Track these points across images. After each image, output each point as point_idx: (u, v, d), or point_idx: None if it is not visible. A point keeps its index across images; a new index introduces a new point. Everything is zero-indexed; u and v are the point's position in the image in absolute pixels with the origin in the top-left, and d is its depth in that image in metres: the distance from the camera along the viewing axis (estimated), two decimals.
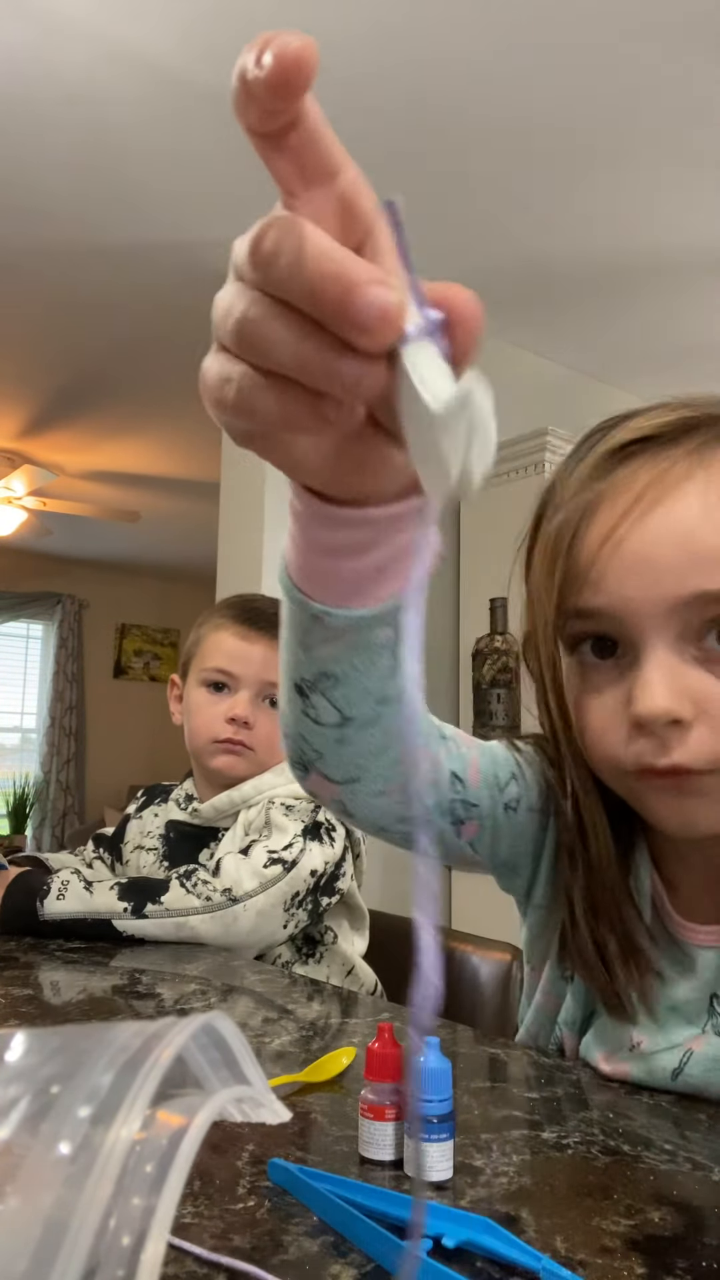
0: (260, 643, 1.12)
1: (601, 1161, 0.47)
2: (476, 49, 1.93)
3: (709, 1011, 0.58)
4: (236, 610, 1.16)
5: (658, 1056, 0.57)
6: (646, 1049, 0.58)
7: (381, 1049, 0.47)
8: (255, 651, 1.12)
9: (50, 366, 3.53)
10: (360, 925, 1.15)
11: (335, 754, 0.53)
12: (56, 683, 6.79)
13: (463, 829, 0.63)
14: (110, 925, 0.98)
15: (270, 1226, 0.39)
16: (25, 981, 0.83)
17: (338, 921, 1.12)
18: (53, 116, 2.16)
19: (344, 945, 1.11)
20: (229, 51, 1.92)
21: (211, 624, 1.17)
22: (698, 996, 0.58)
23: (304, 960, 1.09)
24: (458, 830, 0.63)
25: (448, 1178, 0.44)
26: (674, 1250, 0.38)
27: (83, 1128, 0.22)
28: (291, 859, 1.02)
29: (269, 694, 1.14)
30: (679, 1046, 0.57)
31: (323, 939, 1.11)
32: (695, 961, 0.59)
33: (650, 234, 2.57)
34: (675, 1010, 0.59)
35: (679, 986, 0.59)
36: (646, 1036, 0.59)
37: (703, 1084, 0.55)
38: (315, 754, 0.54)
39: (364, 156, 1.26)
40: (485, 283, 2.85)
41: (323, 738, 0.52)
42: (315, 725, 0.52)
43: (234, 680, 1.14)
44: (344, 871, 1.09)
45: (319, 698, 0.50)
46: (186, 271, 2.81)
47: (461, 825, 0.62)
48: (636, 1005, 0.59)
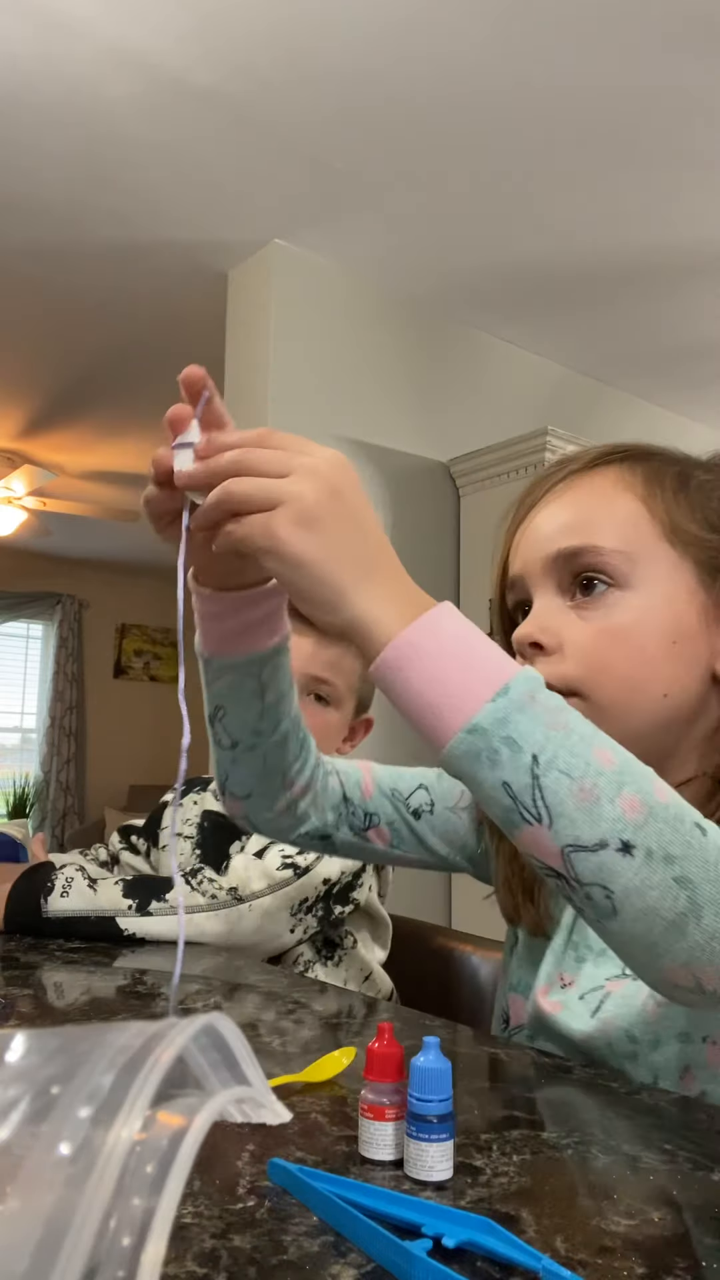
0: (305, 636, 1.11)
1: (601, 1161, 0.47)
2: (476, 49, 1.93)
3: None
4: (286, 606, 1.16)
5: (587, 998, 0.67)
6: (574, 989, 0.68)
7: (381, 1049, 0.47)
8: (303, 644, 1.11)
9: (50, 366, 3.53)
10: (381, 935, 1.15)
11: (235, 774, 0.71)
12: (56, 683, 6.79)
13: (369, 835, 0.78)
14: (113, 923, 0.98)
15: (270, 1226, 0.40)
16: (26, 981, 0.83)
17: (359, 929, 1.13)
18: (53, 116, 2.16)
19: (363, 952, 1.11)
20: (229, 52, 1.93)
21: None
22: None
23: (324, 962, 1.09)
24: (364, 837, 0.78)
25: (448, 1178, 0.44)
26: (674, 1250, 0.38)
27: (83, 1128, 0.23)
28: (305, 865, 1.02)
29: (314, 689, 1.14)
30: (600, 989, 0.66)
31: (342, 943, 1.11)
32: None
33: (650, 234, 2.57)
34: (605, 952, 0.68)
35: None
36: (575, 976, 0.69)
37: (612, 1017, 0.63)
38: (224, 774, 0.71)
39: (363, 156, 1.27)
40: (485, 282, 2.86)
41: (227, 759, 0.70)
42: (220, 749, 0.70)
43: None
44: (362, 883, 1.09)
45: (218, 725, 0.69)
46: (186, 271, 2.81)
47: (366, 832, 0.78)
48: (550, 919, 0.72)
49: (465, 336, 3.10)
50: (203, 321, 3.01)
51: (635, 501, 0.66)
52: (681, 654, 0.64)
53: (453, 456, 2.97)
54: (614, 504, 0.67)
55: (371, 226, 2.59)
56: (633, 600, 0.64)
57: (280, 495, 0.50)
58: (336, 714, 1.16)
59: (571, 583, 0.66)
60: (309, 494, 0.50)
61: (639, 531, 0.65)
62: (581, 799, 0.47)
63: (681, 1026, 0.61)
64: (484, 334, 3.15)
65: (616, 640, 0.64)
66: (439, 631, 0.49)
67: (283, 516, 0.50)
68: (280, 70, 1.99)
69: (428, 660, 0.49)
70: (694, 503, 0.66)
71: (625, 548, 0.65)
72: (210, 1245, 0.38)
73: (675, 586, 0.65)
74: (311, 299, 2.74)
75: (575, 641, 0.64)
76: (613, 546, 0.65)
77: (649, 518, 0.66)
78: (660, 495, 0.66)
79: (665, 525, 0.65)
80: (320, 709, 1.15)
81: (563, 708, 0.49)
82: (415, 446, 2.93)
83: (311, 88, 2.04)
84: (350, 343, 2.82)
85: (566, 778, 0.47)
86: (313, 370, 2.72)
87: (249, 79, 2.02)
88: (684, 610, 0.64)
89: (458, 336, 3.08)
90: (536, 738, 0.47)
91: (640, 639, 0.64)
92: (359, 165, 2.30)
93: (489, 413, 3.09)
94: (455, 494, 3.02)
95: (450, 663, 0.49)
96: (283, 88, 2.04)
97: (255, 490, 0.50)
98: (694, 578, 0.65)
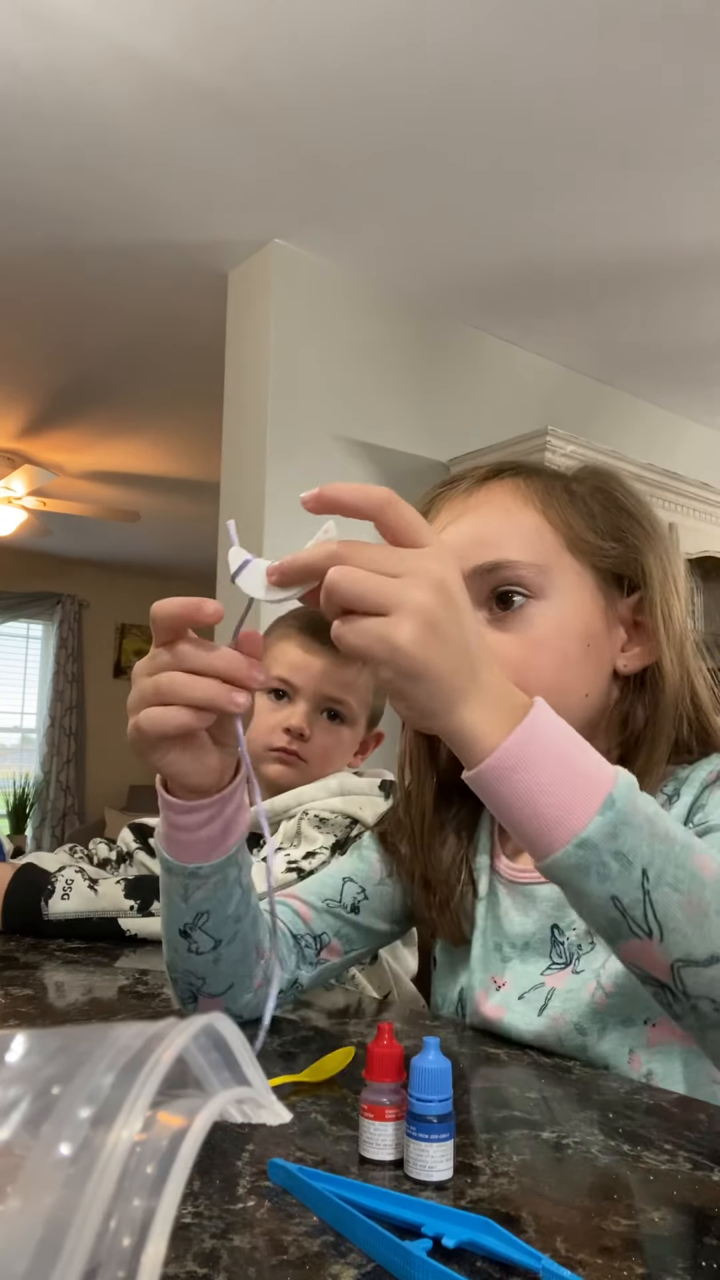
0: (322, 656, 1.14)
1: (601, 1161, 0.47)
2: (476, 48, 1.93)
3: (551, 940, 0.70)
4: (303, 622, 1.17)
5: (528, 997, 0.69)
6: (511, 989, 0.70)
7: (381, 1049, 0.47)
8: (316, 663, 1.14)
9: (50, 366, 3.53)
10: (410, 943, 1.15)
11: (213, 973, 0.67)
12: (56, 683, 6.79)
13: (323, 956, 0.78)
14: (114, 924, 0.98)
15: (270, 1226, 0.40)
16: (26, 982, 0.83)
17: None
18: (53, 116, 2.16)
19: (388, 958, 1.10)
20: (229, 51, 1.93)
21: (278, 633, 1.20)
22: (539, 927, 0.71)
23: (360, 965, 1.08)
24: (320, 960, 0.78)
25: (448, 1178, 0.44)
26: (674, 1250, 0.39)
27: (84, 1129, 0.23)
28: (310, 869, 1.02)
29: (326, 706, 1.15)
30: (540, 986, 0.69)
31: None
32: (535, 899, 0.72)
33: (651, 234, 2.57)
34: (528, 946, 0.72)
35: (526, 923, 0.72)
36: (508, 976, 0.72)
37: (560, 1013, 0.66)
38: (200, 980, 0.67)
39: (363, 156, 1.28)
40: (486, 281, 2.86)
41: (204, 964, 0.66)
42: (197, 956, 0.66)
43: (294, 690, 1.15)
44: None
45: (199, 933, 0.65)
46: (186, 271, 2.81)
47: (320, 955, 0.77)
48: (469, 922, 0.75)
49: (465, 336, 3.10)
50: (203, 321, 3.01)
51: (536, 514, 0.70)
52: (594, 655, 0.69)
53: (453, 456, 2.97)
54: (517, 518, 0.70)
55: (372, 226, 2.59)
56: (549, 610, 0.68)
57: (399, 601, 0.45)
58: (349, 731, 1.18)
59: (489, 597, 0.69)
60: (430, 602, 0.46)
61: (544, 543, 0.69)
62: (691, 913, 0.46)
63: (625, 1012, 0.64)
64: (484, 334, 3.15)
65: (540, 649, 0.67)
66: (538, 737, 0.48)
67: (405, 627, 0.45)
68: (280, 70, 1.99)
69: (531, 770, 0.47)
70: (584, 513, 0.71)
71: (537, 560, 0.68)
72: (210, 1245, 0.38)
73: (581, 593, 0.70)
74: (311, 299, 2.74)
75: (502, 654, 0.66)
76: (527, 560, 0.68)
77: (551, 530, 0.70)
78: (557, 507, 0.71)
79: (566, 536, 0.70)
80: (334, 727, 1.16)
81: (659, 814, 0.48)
82: (415, 446, 2.93)
83: (311, 87, 2.04)
84: (350, 342, 2.82)
85: (675, 892, 0.46)
86: (312, 370, 2.72)
87: (249, 79, 2.02)
88: (591, 615, 0.69)
89: (458, 336, 3.08)
90: (644, 851, 0.46)
91: (561, 645, 0.68)
92: (359, 165, 2.30)
93: (489, 413, 3.09)
94: None
95: (553, 772, 0.47)
96: (283, 87, 2.04)
97: (370, 590, 0.45)
98: (594, 583, 0.70)
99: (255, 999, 0.70)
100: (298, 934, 0.77)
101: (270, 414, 2.62)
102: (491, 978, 0.73)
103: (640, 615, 0.71)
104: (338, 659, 1.14)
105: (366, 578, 0.46)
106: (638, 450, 3.19)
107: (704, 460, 3.71)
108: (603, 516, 0.72)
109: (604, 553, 0.70)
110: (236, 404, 2.79)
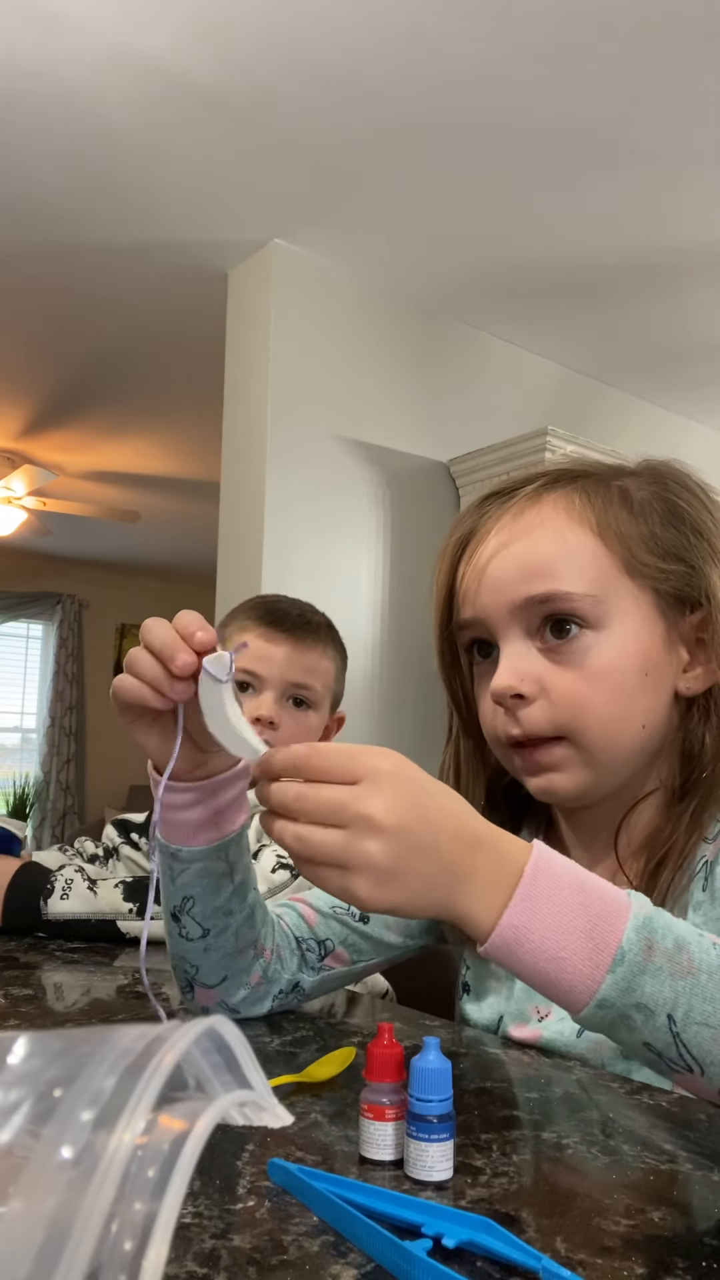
0: (284, 644, 1.13)
1: (601, 1161, 0.47)
2: (476, 48, 1.93)
3: None
4: (260, 611, 1.16)
5: (567, 1020, 0.67)
6: (553, 1018, 0.69)
7: (382, 1049, 0.47)
8: (279, 652, 1.13)
9: (50, 366, 3.53)
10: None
11: (206, 962, 0.68)
12: (56, 683, 6.79)
13: (328, 963, 0.76)
14: (114, 925, 0.98)
15: (270, 1226, 0.40)
16: (26, 982, 0.83)
17: None
18: (53, 116, 2.16)
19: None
20: (229, 52, 1.93)
21: (235, 625, 1.18)
22: None
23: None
24: (325, 967, 0.75)
25: (448, 1178, 0.44)
26: (674, 1250, 0.39)
27: (85, 1131, 0.23)
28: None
29: (293, 694, 1.14)
30: None
31: None
32: None
33: (650, 234, 2.57)
34: None
35: None
36: (550, 1005, 0.69)
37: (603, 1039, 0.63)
38: (193, 968, 0.69)
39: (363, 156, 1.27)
40: (486, 281, 2.85)
41: (194, 951, 0.68)
42: (187, 942, 0.67)
43: (259, 681, 1.15)
44: None
45: (186, 917, 0.66)
46: (186, 271, 2.80)
47: (324, 961, 0.75)
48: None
49: (465, 336, 3.10)
50: (203, 321, 3.01)
51: (591, 537, 0.67)
52: (653, 684, 0.67)
53: (453, 456, 2.97)
54: (570, 542, 0.67)
55: (371, 226, 2.58)
56: (606, 640, 0.66)
57: (346, 859, 0.47)
58: (316, 716, 1.17)
59: (540, 625, 0.67)
60: (376, 852, 0.47)
61: (600, 570, 0.66)
62: None
63: None
64: (484, 334, 3.14)
65: (596, 682, 0.65)
66: (536, 905, 0.47)
67: (360, 882, 0.47)
68: (280, 70, 1.99)
69: (535, 938, 0.47)
70: (642, 530, 0.68)
71: (593, 590, 0.66)
72: (210, 1245, 0.38)
73: (639, 619, 0.67)
74: (311, 299, 2.74)
75: (557, 688, 0.65)
76: (581, 591, 0.65)
77: (607, 553, 0.67)
78: (614, 526, 0.67)
79: (623, 560, 0.67)
80: (300, 713, 1.16)
81: (680, 946, 0.47)
82: (415, 446, 2.93)
83: (311, 88, 2.04)
84: (350, 342, 2.82)
85: (707, 1028, 0.45)
86: (312, 370, 2.72)
87: (249, 79, 2.01)
88: (649, 641, 0.67)
89: (458, 336, 3.08)
90: (666, 995, 0.45)
91: (619, 677, 0.65)
92: (359, 165, 2.29)
93: (489, 413, 3.09)
94: (455, 494, 3.02)
95: (558, 938, 0.47)
96: (282, 88, 2.04)
97: (318, 850, 0.48)
98: (652, 607, 0.67)
99: (252, 995, 0.70)
100: (300, 937, 0.76)
101: (270, 414, 2.62)
102: (534, 1008, 0.70)
103: (703, 633, 0.68)
104: (299, 645, 1.13)
105: (311, 835, 0.48)
106: (638, 450, 3.19)
107: (704, 460, 3.69)
108: (662, 532, 0.68)
109: (664, 575, 0.67)
110: (236, 404, 2.78)
